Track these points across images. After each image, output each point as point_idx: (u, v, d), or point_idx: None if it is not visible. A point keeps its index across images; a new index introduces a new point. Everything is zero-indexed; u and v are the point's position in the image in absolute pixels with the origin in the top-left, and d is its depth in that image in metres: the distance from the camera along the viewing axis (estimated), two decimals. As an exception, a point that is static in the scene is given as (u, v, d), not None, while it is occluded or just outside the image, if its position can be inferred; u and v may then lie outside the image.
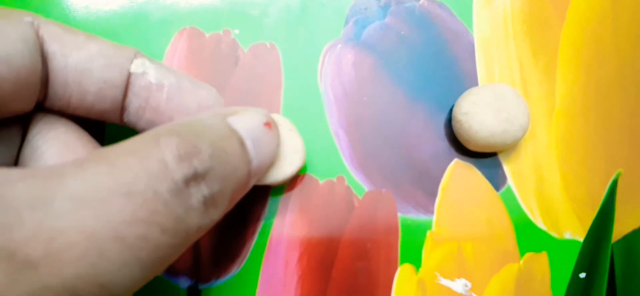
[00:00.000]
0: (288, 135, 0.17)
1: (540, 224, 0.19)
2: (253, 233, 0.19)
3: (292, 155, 0.17)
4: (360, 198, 0.19)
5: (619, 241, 0.19)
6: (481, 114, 0.17)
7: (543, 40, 0.20)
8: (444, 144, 0.19)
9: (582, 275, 0.19)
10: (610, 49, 0.20)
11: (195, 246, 0.19)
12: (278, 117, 0.18)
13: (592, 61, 0.20)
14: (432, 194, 0.19)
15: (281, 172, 0.17)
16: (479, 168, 0.19)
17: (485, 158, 0.19)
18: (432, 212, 0.19)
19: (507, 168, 0.19)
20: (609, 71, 0.20)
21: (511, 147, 0.19)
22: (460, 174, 0.19)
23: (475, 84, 0.20)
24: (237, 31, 0.20)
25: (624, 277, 0.19)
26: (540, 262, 0.19)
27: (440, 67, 0.20)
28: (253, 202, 0.19)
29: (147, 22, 0.20)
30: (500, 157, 0.19)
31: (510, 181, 0.19)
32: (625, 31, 0.20)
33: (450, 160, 0.19)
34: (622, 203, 0.19)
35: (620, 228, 0.19)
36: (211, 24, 0.20)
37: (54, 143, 0.13)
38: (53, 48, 0.13)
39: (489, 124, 0.17)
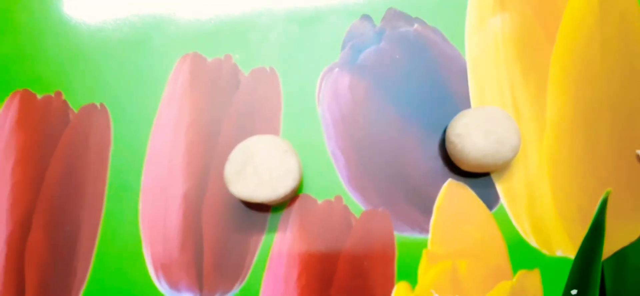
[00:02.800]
0: (282, 157, 0.18)
1: (533, 242, 0.20)
2: (254, 250, 0.20)
3: (285, 176, 0.18)
4: (357, 217, 0.20)
5: (609, 258, 0.19)
6: (473, 136, 0.18)
7: (533, 63, 0.21)
8: (438, 164, 0.20)
9: (574, 292, 0.19)
10: (599, 69, 0.21)
11: (199, 262, 0.20)
12: (274, 139, 0.18)
13: (582, 82, 0.20)
14: (427, 213, 0.20)
15: (274, 192, 0.18)
16: (473, 187, 0.20)
17: (479, 178, 0.20)
18: (427, 231, 0.20)
19: (499, 188, 0.20)
20: (598, 92, 0.20)
21: (503, 167, 0.19)
22: (454, 194, 0.20)
23: (468, 105, 0.20)
24: (237, 56, 0.21)
25: (614, 293, 0.19)
26: (532, 279, 0.19)
27: (434, 89, 0.20)
28: (254, 220, 0.20)
29: (151, 48, 0.21)
30: (493, 177, 0.20)
31: (503, 200, 0.20)
32: (614, 52, 0.21)
33: (445, 180, 0.20)
34: (612, 221, 0.20)
35: (611, 246, 0.20)
36: (213, 49, 0.21)
37: None
38: None
39: (481, 146, 0.18)
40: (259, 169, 0.18)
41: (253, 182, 0.18)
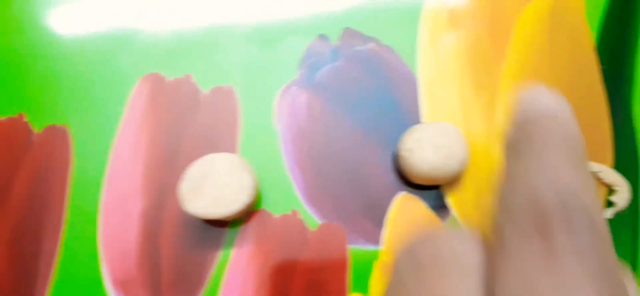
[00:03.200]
0: (237, 174, 0.18)
1: (484, 253, 0.20)
2: (211, 264, 0.20)
3: (239, 193, 0.18)
4: (313, 230, 0.20)
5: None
6: (423, 150, 0.19)
7: (485, 79, 0.21)
8: (391, 177, 0.21)
9: None
10: (548, 83, 0.21)
11: (157, 278, 0.20)
12: (229, 157, 0.19)
13: (531, 97, 0.21)
14: (381, 226, 0.20)
15: (228, 209, 0.18)
16: (425, 199, 0.20)
17: (430, 190, 0.20)
18: (380, 243, 0.20)
19: (450, 199, 0.20)
20: (548, 106, 0.21)
21: (452, 179, 0.20)
22: (406, 206, 0.20)
23: (419, 121, 0.21)
24: (197, 76, 0.21)
25: None
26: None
27: (388, 105, 0.21)
28: (211, 236, 0.20)
29: (112, 68, 0.21)
30: (444, 189, 0.20)
31: (454, 211, 0.20)
32: (563, 69, 0.21)
33: (397, 193, 0.20)
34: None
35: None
36: (173, 69, 0.21)
37: None
38: None
39: (430, 160, 0.18)
40: (213, 186, 0.18)
41: (208, 199, 0.18)
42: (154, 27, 0.22)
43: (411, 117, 0.21)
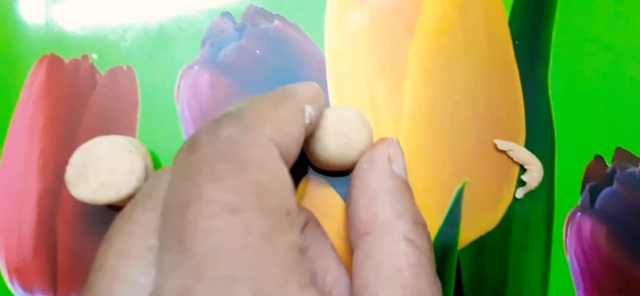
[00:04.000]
0: (127, 156, 0.18)
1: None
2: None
3: (128, 177, 0.18)
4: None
5: (465, 248, 0.20)
6: (324, 139, 0.18)
7: (392, 56, 0.21)
8: (298, 160, 0.20)
9: (429, 282, 0.19)
10: (461, 63, 0.21)
11: (53, 264, 0.19)
12: (118, 139, 0.18)
13: (442, 74, 0.21)
14: (285, 209, 0.20)
15: (116, 194, 0.17)
16: (332, 183, 0.20)
17: (337, 175, 0.20)
18: (284, 226, 0.20)
19: (355, 181, 0.20)
20: (459, 82, 0.21)
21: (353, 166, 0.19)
22: (313, 190, 0.20)
23: (327, 102, 0.20)
24: (95, 56, 0.21)
25: (472, 282, 0.19)
26: (388, 271, 0.19)
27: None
28: (110, 220, 0.20)
29: (8, 54, 0.20)
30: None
31: (359, 193, 0.20)
32: (476, 43, 0.21)
33: (305, 176, 0.20)
34: (468, 211, 0.20)
35: (466, 236, 0.20)
36: (71, 50, 0.21)
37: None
38: None
39: (330, 149, 0.18)
40: (101, 170, 0.18)
41: (95, 184, 0.18)
42: (50, 8, 0.21)
43: (314, 97, 0.20)
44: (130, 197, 0.18)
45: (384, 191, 0.15)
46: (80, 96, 0.20)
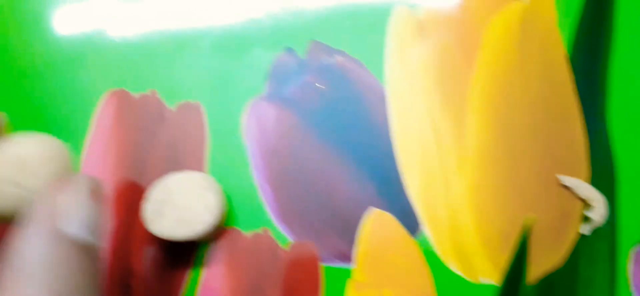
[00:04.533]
0: (201, 193, 0.18)
1: (456, 270, 0.20)
2: (181, 284, 0.20)
3: (203, 213, 0.18)
4: (284, 249, 0.20)
5: (533, 285, 0.20)
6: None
7: (454, 91, 0.21)
8: (362, 193, 0.20)
9: (498, 319, 0.19)
10: (520, 95, 0.21)
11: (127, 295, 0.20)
12: (193, 175, 0.18)
13: (502, 108, 0.21)
14: (353, 243, 0.20)
15: (192, 230, 0.18)
16: (397, 215, 0.20)
17: (403, 205, 0.20)
18: (353, 261, 0.20)
19: (422, 215, 0.20)
20: (519, 118, 0.21)
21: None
22: (378, 223, 0.20)
23: (390, 134, 0.21)
24: (163, 91, 0.21)
25: (540, 319, 0.19)
26: (456, 307, 0.19)
27: (357, 119, 0.21)
28: (181, 254, 0.20)
29: (76, 86, 0.21)
30: (416, 204, 0.20)
31: (426, 228, 0.20)
32: (534, 77, 0.21)
33: (369, 208, 0.20)
34: (535, 247, 0.20)
35: (534, 271, 0.20)
36: (138, 85, 0.21)
37: None
38: None
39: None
40: (177, 206, 0.18)
41: (172, 220, 0.18)
42: (118, 40, 0.21)
43: (381, 131, 0.21)
44: (206, 233, 0.18)
45: (31, 266, 0.11)
46: (149, 130, 0.21)
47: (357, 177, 0.20)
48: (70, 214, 0.12)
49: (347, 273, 0.20)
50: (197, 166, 0.20)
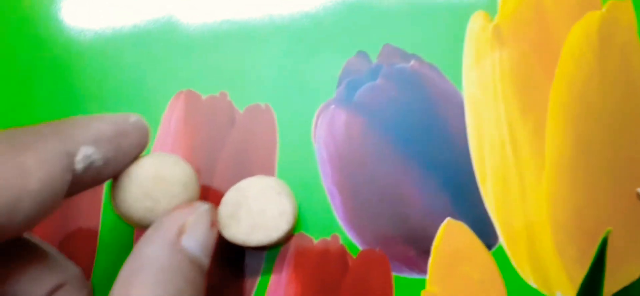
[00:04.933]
0: (276, 199, 0.18)
1: (532, 282, 0.19)
2: (250, 289, 0.19)
3: (278, 219, 0.17)
4: (354, 256, 0.20)
5: (610, 299, 0.19)
6: (125, 192, 0.15)
7: (532, 100, 0.20)
8: (436, 202, 0.20)
9: (574, 334, 0.19)
10: (599, 106, 0.20)
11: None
12: (268, 180, 0.18)
13: (580, 119, 0.20)
14: (425, 253, 0.19)
15: (267, 236, 0.17)
16: (472, 226, 0.20)
17: (479, 215, 0.20)
18: (425, 271, 0.19)
19: (498, 227, 0.20)
20: (598, 128, 0.20)
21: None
22: (452, 233, 0.20)
23: (466, 142, 0.20)
24: (232, 93, 0.20)
25: (616, 335, 0.19)
26: (532, 321, 0.19)
27: (431, 126, 0.20)
28: (249, 260, 0.20)
29: (144, 86, 0.20)
30: (492, 216, 0.20)
31: (502, 240, 0.19)
32: (614, 88, 0.21)
33: (443, 218, 0.20)
34: (612, 260, 0.19)
35: (611, 286, 0.19)
36: (208, 86, 0.21)
37: None
38: None
39: (128, 206, 0.15)
40: (252, 212, 0.18)
41: (246, 226, 0.18)
42: (187, 42, 0.21)
43: (457, 139, 0.20)
44: (279, 239, 0.18)
45: (151, 267, 0.12)
46: (218, 133, 0.20)
47: (431, 185, 0.20)
48: (193, 235, 0.13)
49: (418, 284, 0.19)
50: (267, 171, 0.20)
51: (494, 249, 0.19)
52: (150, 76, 0.21)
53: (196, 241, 0.13)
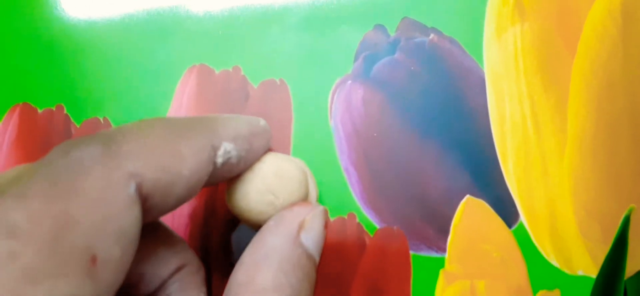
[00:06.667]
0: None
1: (553, 261, 0.19)
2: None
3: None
4: (371, 235, 0.19)
5: (632, 278, 0.19)
6: (247, 186, 0.15)
7: (554, 75, 0.20)
8: (455, 180, 0.19)
9: (596, 313, 0.19)
10: (621, 83, 0.20)
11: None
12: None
13: (603, 96, 0.20)
14: (444, 232, 0.19)
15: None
16: (492, 204, 0.19)
17: (500, 193, 0.19)
18: (444, 249, 0.19)
19: (519, 205, 0.19)
20: (620, 106, 0.20)
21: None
22: (472, 211, 0.19)
23: (487, 119, 0.20)
24: (246, 68, 0.20)
25: (637, 314, 0.19)
26: (553, 300, 0.19)
27: (451, 102, 0.20)
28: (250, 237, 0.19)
29: (157, 60, 0.20)
30: (513, 193, 0.19)
31: (523, 218, 0.19)
32: (636, 65, 0.20)
33: (462, 197, 0.19)
34: (634, 239, 0.19)
35: (633, 265, 0.19)
36: (221, 61, 0.20)
37: None
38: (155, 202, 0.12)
39: (248, 199, 0.15)
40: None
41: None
42: (200, 16, 0.20)
43: (478, 115, 0.20)
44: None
45: (275, 256, 0.13)
46: (232, 108, 0.20)
47: (451, 163, 0.19)
48: (311, 232, 0.14)
49: (437, 263, 0.19)
50: (283, 148, 0.20)
51: (514, 227, 0.19)
52: (163, 51, 0.20)
53: (312, 239, 0.14)
